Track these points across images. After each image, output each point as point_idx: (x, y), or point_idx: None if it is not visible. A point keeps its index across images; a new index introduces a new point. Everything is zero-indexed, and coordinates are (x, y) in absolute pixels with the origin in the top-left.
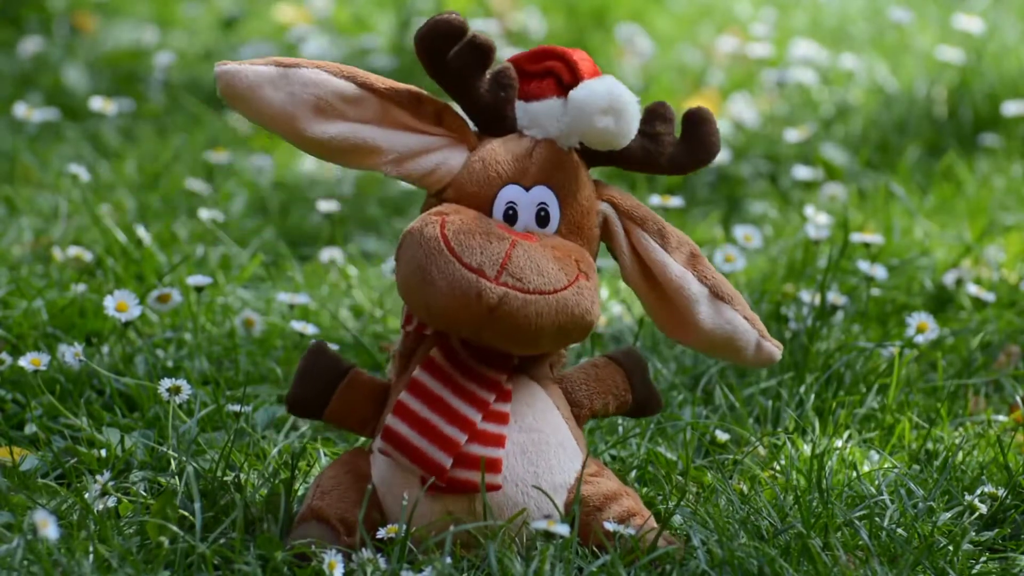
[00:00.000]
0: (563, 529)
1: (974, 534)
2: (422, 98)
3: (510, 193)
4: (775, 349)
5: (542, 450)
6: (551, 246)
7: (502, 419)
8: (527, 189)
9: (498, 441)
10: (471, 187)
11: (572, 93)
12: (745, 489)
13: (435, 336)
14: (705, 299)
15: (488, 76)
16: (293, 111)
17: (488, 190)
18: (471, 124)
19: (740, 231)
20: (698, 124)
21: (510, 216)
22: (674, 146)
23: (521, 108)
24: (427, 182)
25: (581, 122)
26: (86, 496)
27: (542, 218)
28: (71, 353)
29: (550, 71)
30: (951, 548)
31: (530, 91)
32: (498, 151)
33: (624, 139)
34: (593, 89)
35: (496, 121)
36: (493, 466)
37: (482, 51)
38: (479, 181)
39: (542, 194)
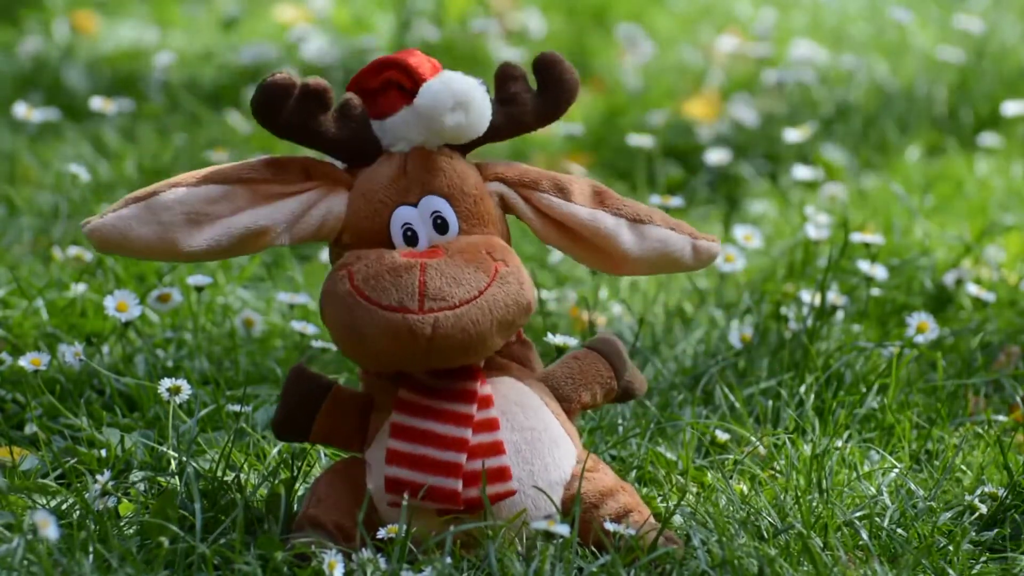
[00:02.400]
0: (563, 529)
1: (974, 534)
2: (281, 163)
3: (402, 215)
4: (712, 244)
5: (536, 448)
6: (459, 251)
7: (491, 426)
8: (415, 205)
9: (497, 449)
10: (363, 223)
11: (415, 100)
12: (745, 489)
13: (396, 373)
14: (624, 228)
15: (332, 113)
16: (171, 236)
17: (379, 221)
18: (339, 164)
19: (740, 231)
20: (549, 68)
21: (409, 237)
22: (533, 99)
23: (378, 127)
24: (322, 235)
25: (433, 126)
26: (86, 496)
27: (440, 225)
28: (71, 353)
29: (390, 82)
30: (951, 548)
31: (380, 108)
32: (373, 179)
33: (480, 127)
34: (434, 90)
35: (358, 152)
36: (502, 474)
37: (316, 96)
38: (367, 215)
39: (431, 203)
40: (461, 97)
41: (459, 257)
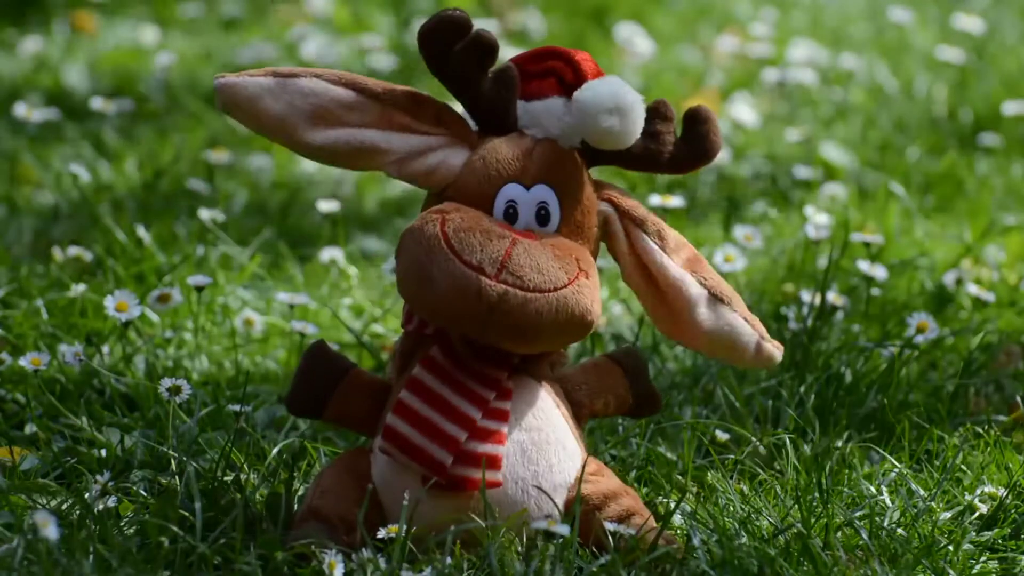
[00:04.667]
0: (563, 529)
1: (974, 534)
2: (420, 99)
3: (511, 192)
4: (775, 351)
5: (542, 449)
6: (551, 244)
7: (502, 417)
8: (527, 188)
9: (498, 438)
10: (472, 186)
11: (577, 93)
12: (745, 489)
13: (435, 335)
14: (704, 301)
15: (490, 75)
16: (293, 121)
17: (489, 188)
18: (471, 123)
19: (740, 231)
20: (699, 123)
21: (510, 215)
22: (675, 145)
23: (522, 107)
24: (429, 181)
25: (586, 122)
26: (86, 496)
27: (542, 217)
28: (71, 353)
29: (552, 71)
30: (951, 548)
31: (531, 90)
32: (499, 150)
33: (629, 139)
34: (598, 89)
35: (497, 120)
36: (493, 463)
37: (485, 49)
38: (480, 180)
39: (542, 193)
40: (622, 104)
41: (550, 249)
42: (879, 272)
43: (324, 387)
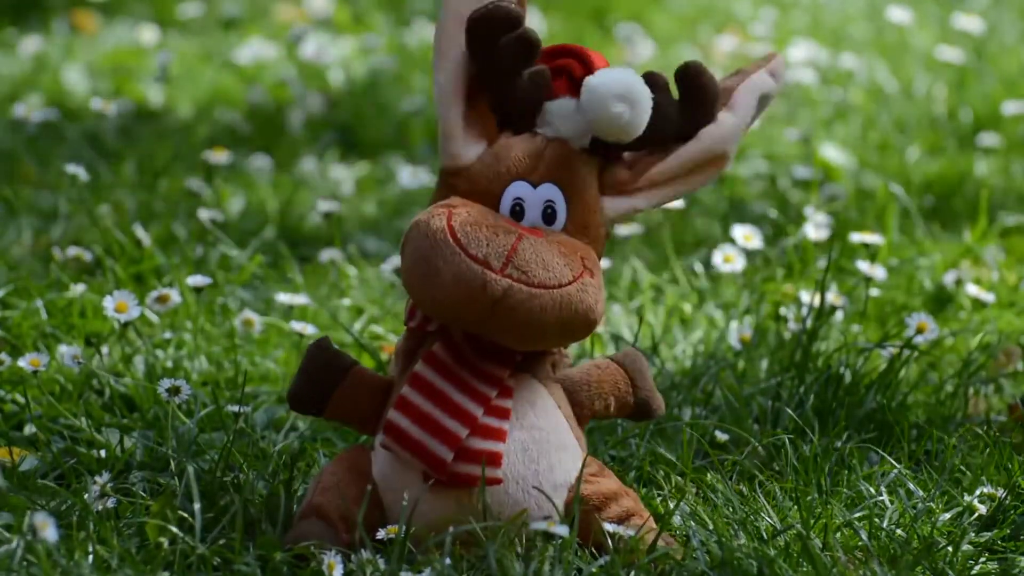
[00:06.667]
0: (562, 530)
1: (973, 535)
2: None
3: (518, 189)
4: (775, 61)
5: (543, 448)
6: (557, 242)
7: (503, 414)
8: (535, 186)
9: (499, 435)
10: (482, 179)
11: (588, 79)
12: (745, 489)
13: (438, 332)
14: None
15: (525, 75)
16: None
17: (498, 185)
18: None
19: (740, 231)
20: (693, 78)
21: (516, 212)
22: (675, 111)
23: None
24: (449, 152)
25: (595, 107)
26: (85, 497)
27: (548, 215)
28: (70, 354)
29: (563, 69)
30: (951, 548)
31: None
32: (511, 146)
33: (636, 131)
34: (609, 76)
35: (523, 120)
36: (493, 460)
37: (530, 47)
38: (490, 175)
39: (549, 192)
40: (631, 91)
41: (556, 246)
42: (878, 272)
43: (326, 384)
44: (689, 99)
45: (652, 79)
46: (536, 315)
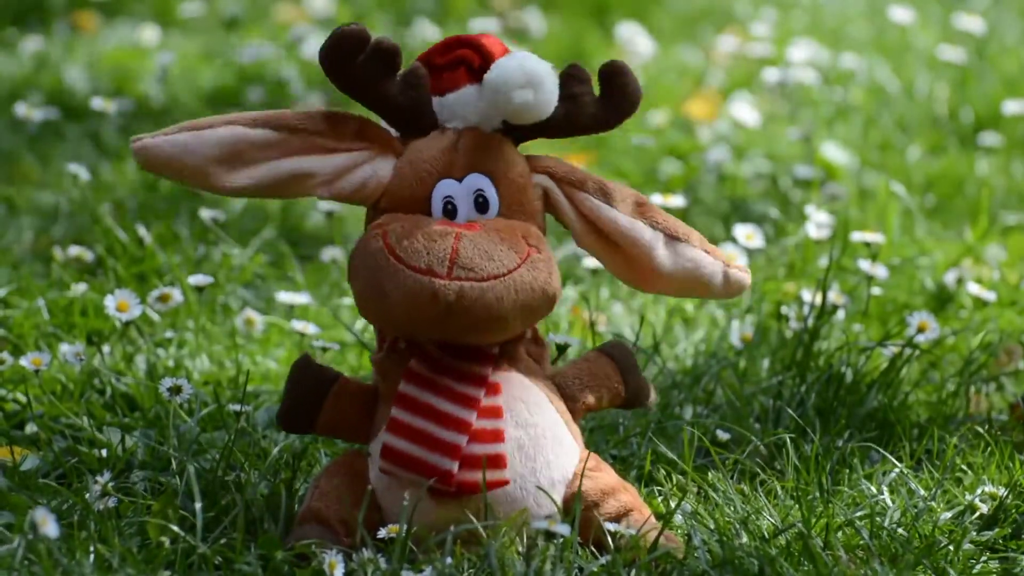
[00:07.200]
0: (564, 529)
1: (974, 534)
2: (338, 118)
3: (445, 188)
4: (743, 275)
5: (539, 445)
6: (495, 229)
7: (495, 414)
8: (460, 180)
9: (497, 437)
10: (404, 191)
11: (487, 75)
12: (746, 489)
13: (409, 348)
14: (661, 243)
15: (398, 79)
16: (213, 170)
17: (422, 190)
18: (392, 131)
19: (741, 230)
20: (615, 76)
21: (449, 211)
22: (595, 104)
23: (437, 103)
24: (361, 196)
25: (500, 101)
26: (87, 496)
27: (481, 204)
28: (72, 353)
29: (460, 60)
30: (951, 548)
31: (443, 84)
32: (423, 150)
33: (546, 110)
34: (506, 66)
35: (415, 121)
36: (498, 462)
37: (388, 55)
38: (411, 184)
39: (476, 181)
40: (533, 76)
41: (495, 234)
42: (880, 271)
43: (313, 400)
44: (609, 95)
45: (576, 72)
46: (495, 307)
